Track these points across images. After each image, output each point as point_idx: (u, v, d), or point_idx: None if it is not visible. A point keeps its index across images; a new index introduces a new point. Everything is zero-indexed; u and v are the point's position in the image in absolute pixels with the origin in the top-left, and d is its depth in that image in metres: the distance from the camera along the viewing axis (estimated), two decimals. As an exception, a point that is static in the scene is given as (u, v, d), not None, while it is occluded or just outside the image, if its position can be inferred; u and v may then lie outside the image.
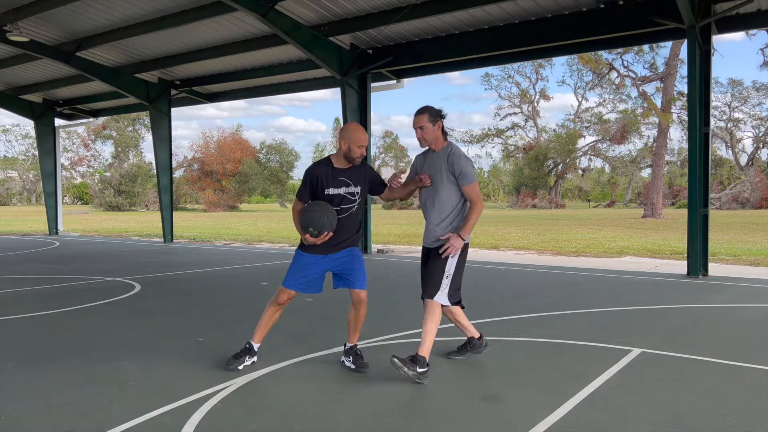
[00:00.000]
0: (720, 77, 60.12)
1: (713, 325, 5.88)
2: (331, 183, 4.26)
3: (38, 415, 3.52)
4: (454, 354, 4.68)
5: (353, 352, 4.45)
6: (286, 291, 4.33)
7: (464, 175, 4.15)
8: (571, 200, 67.83)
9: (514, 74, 56.40)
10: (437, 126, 4.25)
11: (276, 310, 4.42)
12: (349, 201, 4.32)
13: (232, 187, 56.26)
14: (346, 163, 4.31)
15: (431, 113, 4.24)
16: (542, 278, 9.27)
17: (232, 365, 4.36)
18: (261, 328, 4.46)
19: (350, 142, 4.22)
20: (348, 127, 4.31)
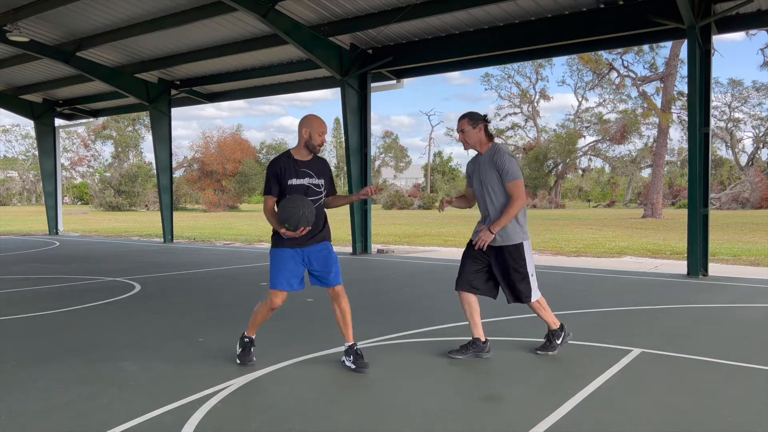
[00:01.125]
0: (720, 77, 60.24)
1: (713, 325, 5.88)
2: (293, 174, 4.31)
3: (38, 415, 3.52)
4: (455, 353, 4.67)
5: (353, 351, 4.44)
6: (278, 294, 4.32)
7: (506, 172, 4.40)
8: (571, 200, 67.82)
9: (514, 74, 56.50)
10: (479, 129, 4.50)
11: (269, 312, 4.43)
12: (314, 192, 4.36)
13: (232, 187, 56.25)
14: (307, 155, 4.38)
15: (471, 117, 4.52)
16: (542, 278, 9.24)
17: (248, 361, 4.46)
18: (255, 326, 4.56)
19: (311, 129, 4.33)
20: (307, 116, 4.41)
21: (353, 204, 12.93)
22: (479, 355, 4.65)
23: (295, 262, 4.34)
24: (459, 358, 4.64)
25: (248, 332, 4.55)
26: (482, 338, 4.68)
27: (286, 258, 4.32)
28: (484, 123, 4.54)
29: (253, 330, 4.55)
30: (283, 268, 4.31)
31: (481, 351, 4.66)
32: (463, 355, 4.65)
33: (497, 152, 4.48)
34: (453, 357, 4.65)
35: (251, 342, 4.54)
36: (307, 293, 7.80)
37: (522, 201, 4.39)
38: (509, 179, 4.40)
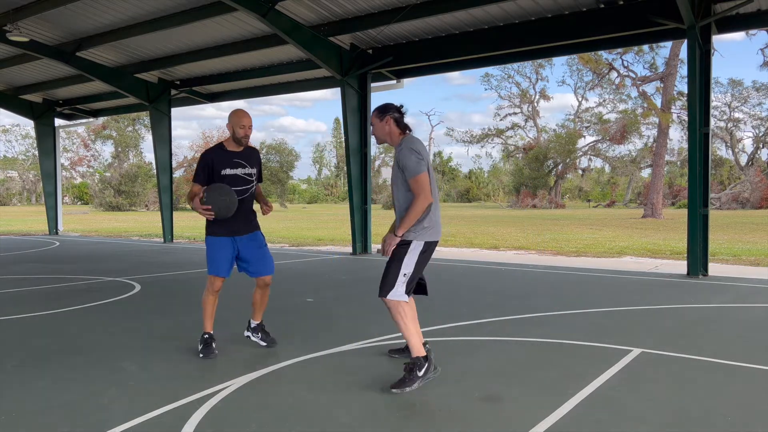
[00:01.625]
0: (720, 77, 60.23)
1: (713, 325, 5.88)
2: (226, 164, 4.60)
3: (38, 415, 3.52)
4: (394, 352, 4.71)
5: (261, 329, 4.97)
6: (217, 278, 4.69)
7: (406, 168, 3.97)
8: (571, 200, 67.82)
9: (514, 74, 56.45)
10: (386, 121, 4.16)
11: (215, 298, 4.80)
12: (246, 182, 4.68)
13: (232, 187, 56.16)
14: (237, 146, 4.67)
15: (379, 109, 4.22)
16: (542, 278, 9.27)
17: (211, 354, 4.65)
18: (209, 318, 4.81)
19: (233, 124, 4.61)
20: (231, 112, 4.65)
21: (353, 204, 12.92)
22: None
23: (227, 249, 4.68)
24: (395, 357, 4.66)
25: (206, 328, 4.78)
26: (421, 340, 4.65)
27: (219, 246, 4.66)
28: (394, 115, 4.16)
29: (209, 324, 4.79)
30: (217, 255, 4.67)
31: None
32: (400, 355, 4.64)
33: (400, 147, 4.09)
34: (391, 356, 4.70)
35: (211, 337, 4.76)
36: (307, 293, 7.81)
37: (424, 198, 3.91)
38: (409, 175, 3.95)
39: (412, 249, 4.02)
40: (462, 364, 4.55)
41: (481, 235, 19.29)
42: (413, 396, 3.82)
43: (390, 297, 4.01)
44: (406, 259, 4.02)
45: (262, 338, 4.96)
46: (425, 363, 3.95)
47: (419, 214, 3.94)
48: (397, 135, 4.18)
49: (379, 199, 56.59)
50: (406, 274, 4.02)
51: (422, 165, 3.95)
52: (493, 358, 4.71)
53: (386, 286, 4.03)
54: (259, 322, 4.99)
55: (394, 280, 4.01)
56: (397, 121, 4.17)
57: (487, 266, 10.84)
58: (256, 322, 4.98)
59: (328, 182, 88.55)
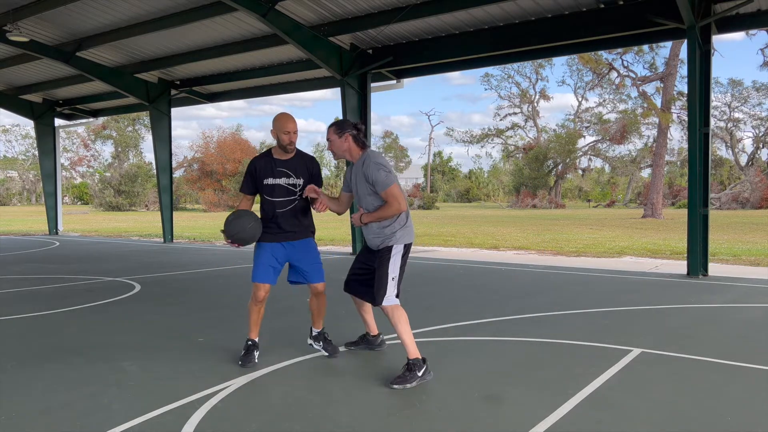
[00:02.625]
0: (720, 77, 60.24)
1: (713, 325, 5.88)
2: (269, 173, 4.38)
3: (38, 415, 3.52)
4: (350, 345, 4.88)
5: (322, 337, 4.71)
6: (259, 286, 4.46)
7: (376, 182, 4.13)
8: (571, 200, 67.81)
9: (514, 74, 56.50)
10: (345, 138, 4.27)
11: (259, 308, 4.55)
12: (291, 192, 4.42)
13: (232, 187, 56.15)
14: (284, 154, 4.42)
15: (338, 125, 4.30)
16: (542, 278, 9.27)
17: (249, 363, 4.46)
18: (254, 325, 4.61)
19: (277, 130, 4.37)
20: (275, 117, 4.43)
21: (353, 204, 12.92)
22: (371, 348, 4.85)
23: (273, 256, 4.46)
24: (351, 349, 4.85)
25: (249, 334, 4.61)
26: (372, 332, 4.83)
27: (264, 252, 4.47)
28: (352, 132, 4.30)
29: (253, 331, 4.59)
30: (260, 262, 4.47)
31: (373, 344, 4.85)
32: (355, 346, 4.87)
33: (365, 161, 4.23)
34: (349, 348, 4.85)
35: (254, 345, 4.57)
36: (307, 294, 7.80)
37: (396, 206, 4.10)
38: (381, 188, 4.13)
39: (394, 254, 4.20)
40: (462, 364, 4.55)
41: (481, 235, 19.29)
42: (413, 396, 3.82)
43: (385, 303, 4.15)
44: (391, 264, 4.19)
45: (324, 347, 4.69)
46: (423, 365, 4.06)
47: (388, 216, 4.15)
48: (357, 152, 4.33)
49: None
50: (394, 278, 4.20)
51: (392, 177, 4.15)
52: (493, 358, 4.71)
53: (380, 293, 4.18)
54: (320, 330, 4.72)
55: (385, 286, 4.17)
56: (354, 138, 4.30)
57: (487, 266, 10.84)
58: (317, 330, 4.73)
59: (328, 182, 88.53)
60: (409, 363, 4.04)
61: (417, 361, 4.04)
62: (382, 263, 4.21)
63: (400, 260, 4.22)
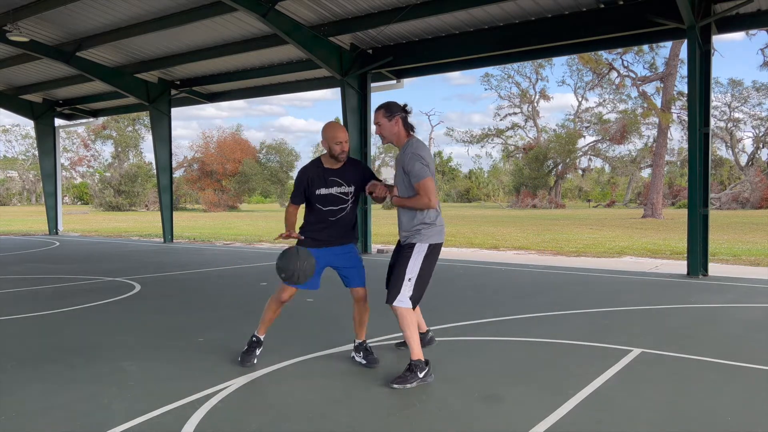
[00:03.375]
0: (720, 77, 60.14)
1: (713, 325, 5.88)
2: (321, 183, 4.30)
3: (38, 415, 3.52)
4: (402, 345, 4.76)
5: (363, 347, 4.54)
6: (287, 288, 4.38)
7: (411, 173, 4.00)
8: (571, 200, 67.80)
9: (514, 74, 56.42)
10: (395, 121, 4.13)
11: (279, 306, 4.49)
12: (342, 201, 4.36)
13: (232, 187, 56.22)
14: (335, 163, 4.34)
15: (387, 108, 4.15)
16: (542, 278, 9.27)
17: (247, 362, 4.44)
18: (265, 323, 4.55)
19: (328, 140, 4.28)
20: (325, 126, 4.35)
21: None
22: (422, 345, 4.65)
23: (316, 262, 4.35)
24: (402, 348, 4.70)
25: (258, 331, 4.57)
26: (421, 329, 4.71)
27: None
28: (402, 115, 4.15)
29: (263, 328, 4.56)
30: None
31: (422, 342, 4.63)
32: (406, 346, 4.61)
33: (406, 150, 4.09)
34: (399, 348, 4.78)
35: (258, 342, 4.54)
36: (307, 293, 7.79)
37: (426, 199, 3.95)
38: (414, 180, 3.99)
39: (416, 252, 4.03)
40: (462, 364, 4.55)
41: (481, 235, 19.29)
42: (413, 396, 3.82)
43: (396, 304, 4.01)
44: (411, 263, 4.02)
45: (364, 356, 4.51)
46: (425, 367, 4.01)
47: (417, 206, 4.00)
48: (404, 137, 4.17)
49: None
50: (411, 279, 4.01)
51: (427, 170, 3.98)
52: (493, 358, 4.71)
53: (392, 291, 4.05)
54: (361, 341, 4.56)
55: (399, 286, 4.02)
56: (404, 121, 4.15)
57: (487, 266, 10.84)
58: (358, 341, 4.58)
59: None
60: (411, 364, 4.00)
61: (419, 362, 3.99)
62: (401, 260, 4.06)
63: (421, 261, 4.03)
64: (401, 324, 4.03)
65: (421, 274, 4.04)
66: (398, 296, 4.01)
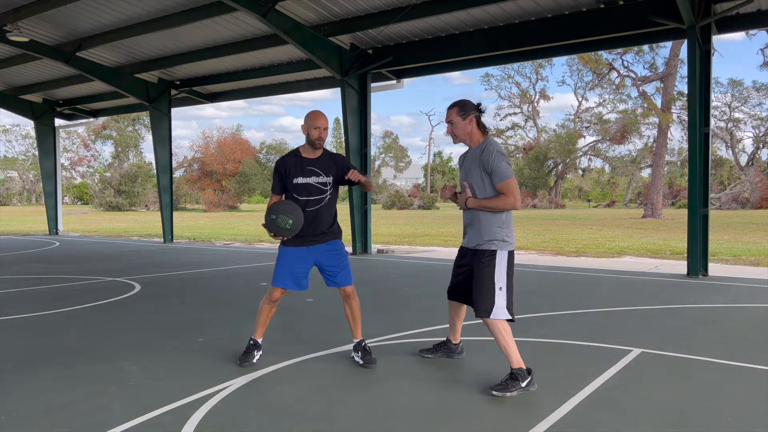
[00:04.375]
0: (720, 77, 60.20)
1: (713, 325, 5.88)
2: (299, 173, 4.35)
3: (38, 415, 3.52)
4: (426, 352, 4.70)
5: (361, 347, 4.54)
6: (276, 289, 4.43)
7: (495, 172, 3.85)
8: (571, 200, 67.82)
9: (514, 74, 56.51)
10: (469, 120, 3.99)
11: (271, 307, 4.52)
12: (320, 191, 4.39)
13: (232, 187, 56.22)
14: (313, 152, 4.41)
15: (461, 106, 4.01)
16: (542, 278, 9.27)
17: (246, 362, 4.45)
18: (260, 326, 4.57)
19: (308, 126, 4.36)
20: (308, 113, 4.41)
21: (353, 204, 12.94)
22: (450, 356, 4.64)
23: (297, 261, 4.39)
24: (428, 356, 4.65)
25: (255, 334, 4.59)
26: (456, 341, 4.63)
27: (291, 259, 4.40)
28: (477, 113, 4.01)
29: (259, 331, 4.57)
30: (281, 266, 4.43)
31: (453, 352, 4.65)
32: (432, 354, 4.65)
33: (486, 148, 3.93)
34: (423, 356, 4.66)
35: (255, 345, 4.56)
36: (307, 293, 7.79)
37: (513, 199, 3.84)
38: (498, 179, 3.85)
39: (498, 261, 3.92)
40: (462, 364, 4.55)
41: (481, 235, 19.25)
42: (413, 396, 3.82)
43: (494, 317, 3.87)
44: (497, 273, 3.90)
45: (361, 356, 4.49)
46: (528, 376, 3.86)
47: (500, 208, 3.87)
48: (479, 136, 4.05)
49: (379, 200, 56.60)
50: (502, 288, 3.90)
51: (511, 170, 3.90)
52: (493, 358, 4.70)
53: (485, 305, 3.89)
54: (358, 340, 4.55)
55: (492, 297, 3.88)
56: (478, 120, 4.03)
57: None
58: (355, 340, 4.57)
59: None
60: (512, 372, 3.86)
61: (521, 371, 3.84)
62: (485, 269, 3.90)
63: (506, 268, 3.92)
64: (495, 334, 3.90)
65: (508, 281, 3.94)
66: (495, 307, 3.87)
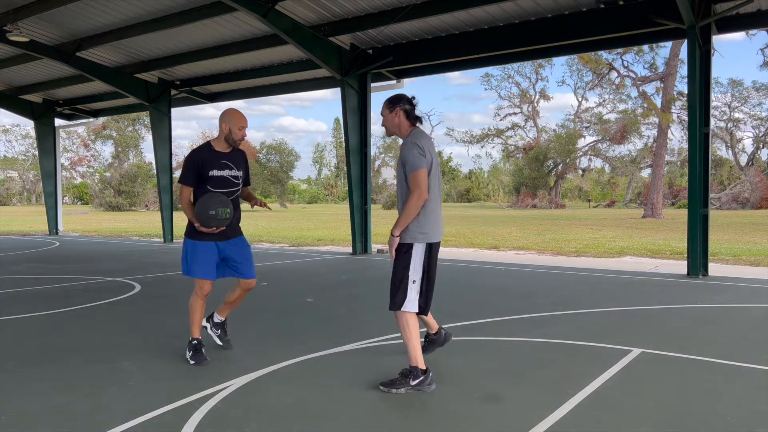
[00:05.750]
0: (720, 77, 60.10)
1: (713, 325, 5.88)
2: (214, 165, 4.44)
3: (38, 415, 3.52)
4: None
5: (222, 326, 4.89)
6: (205, 282, 4.51)
7: (405, 161, 3.83)
8: (571, 200, 67.81)
9: (514, 74, 56.43)
10: (395, 113, 4.01)
11: (202, 304, 4.60)
12: (233, 184, 4.52)
13: (231, 187, 56.15)
14: (226, 147, 4.51)
15: (390, 100, 4.05)
16: (542, 278, 9.26)
17: (204, 361, 4.48)
18: (197, 324, 4.63)
19: (231, 124, 4.43)
20: (228, 111, 4.49)
21: (353, 204, 12.93)
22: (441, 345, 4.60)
23: (211, 254, 4.49)
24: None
25: (192, 334, 4.60)
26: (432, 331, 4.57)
27: (205, 250, 4.47)
28: (405, 107, 4.00)
29: (196, 330, 4.62)
30: (203, 260, 4.47)
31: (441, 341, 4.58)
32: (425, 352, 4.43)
33: (405, 141, 3.94)
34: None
35: (200, 343, 4.58)
36: (307, 294, 7.80)
37: (418, 193, 3.75)
38: (408, 170, 3.80)
39: (414, 254, 3.88)
40: (462, 364, 4.55)
41: (481, 235, 19.28)
42: (413, 396, 3.82)
43: (404, 309, 3.86)
44: (412, 266, 3.87)
45: (221, 336, 4.89)
46: (421, 375, 3.83)
47: (414, 211, 3.79)
48: (407, 127, 4.04)
49: (379, 200, 56.61)
50: (416, 281, 3.88)
51: (423, 161, 3.80)
52: (493, 358, 4.71)
53: (397, 297, 3.88)
54: (224, 319, 4.91)
55: (405, 290, 3.86)
56: (407, 113, 4.02)
57: (487, 266, 10.84)
58: (220, 318, 4.88)
59: (328, 182, 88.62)
60: (405, 369, 3.88)
61: (415, 369, 3.83)
62: (402, 264, 3.88)
63: (422, 261, 3.89)
64: (401, 327, 3.90)
65: (423, 274, 3.92)
66: (405, 301, 3.86)
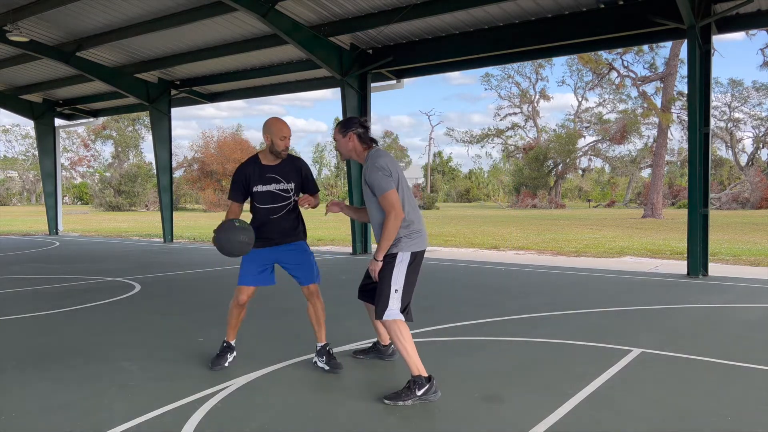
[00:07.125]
0: (720, 77, 60.20)
1: (713, 325, 5.88)
2: (258, 180, 4.25)
3: (38, 415, 3.52)
4: (359, 353, 4.71)
5: (325, 351, 4.40)
6: (242, 289, 4.41)
7: (374, 186, 3.79)
8: (571, 200, 67.83)
9: (514, 74, 56.49)
10: (348, 137, 3.95)
11: (240, 310, 4.47)
12: (281, 198, 4.29)
13: (232, 187, 56.18)
14: (273, 159, 4.28)
15: (341, 125, 4.00)
16: (542, 278, 9.26)
17: (218, 365, 4.41)
18: (232, 328, 4.53)
19: (272, 135, 4.20)
20: (268, 121, 4.27)
21: (353, 204, 12.93)
22: (382, 357, 4.63)
23: (259, 261, 4.36)
24: (360, 358, 4.66)
25: (227, 336, 4.55)
26: (385, 342, 4.60)
27: (252, 256, 4.35)
28: (358, 130, 3.95)
29: (231, 333, 4.54)
30: (247, 266, 4.40)
31: (384, 354, 4.63)
32: (365, 356, 4.67)
33: (366, 165, 3.88)
34: (356, 357, 4.68)
35: (229, 347, 4.52)
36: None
37: (394, 214, 3.73)
38: (378, 193, 3.77)
39: (399, 262, 3.84)
40: (462, 364, 4.55)
41: (481, 235, 19.28)
42: (413, 396, 3.81)
43: (386, 317, 3.80)
44: (395, 274, 3.83)
45: (327, 361, 4.35)
46: (426, 383, 3.72)
47: (393, 232, 3.77)
48: (361, 151, 3.99)
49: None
50: (398, 290, 3.83)
51: (390, 182, 3.77)
52: (493, 358, 4.71)
53: (379, 306, 3.84)
54: (323, 344, 4.41)
55: (387, 299, 3.82)
56: (360, 136, 3.96)
57: (487, 266, 10.84)
58: (319, 344, 4.42)
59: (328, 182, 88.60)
60: (410, 380, 3.75)
61: (419, 378, 3.72)
62: (386, 273, 3.84)
63: (405, 270, 3.83)
64: (392, 337, 3.81)
65: (406, 282, 3.86)
66: (387, 309, 3.80)
